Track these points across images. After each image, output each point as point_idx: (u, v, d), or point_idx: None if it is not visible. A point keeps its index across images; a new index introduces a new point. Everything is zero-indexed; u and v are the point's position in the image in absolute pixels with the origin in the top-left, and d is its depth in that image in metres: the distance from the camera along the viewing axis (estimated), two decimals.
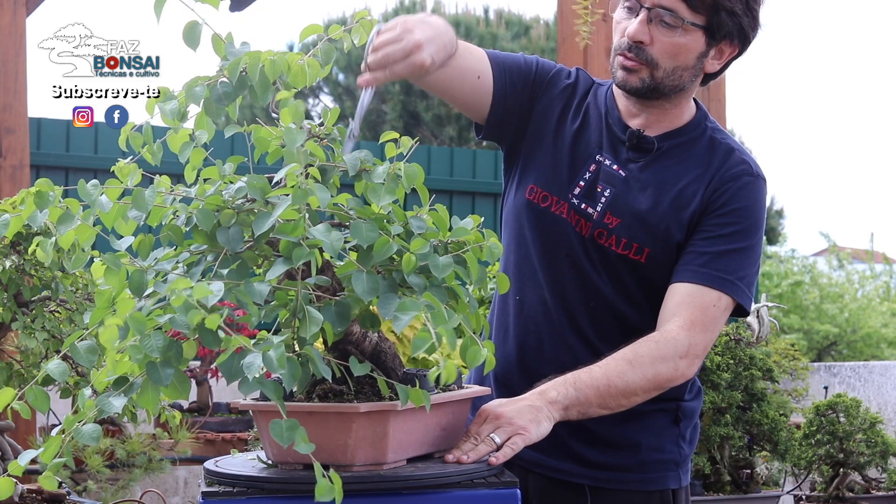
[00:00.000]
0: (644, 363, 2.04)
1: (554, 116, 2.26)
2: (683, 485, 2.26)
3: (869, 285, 14.29)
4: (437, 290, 1.68)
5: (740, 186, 2.17)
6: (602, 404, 2.02)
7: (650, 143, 2.21)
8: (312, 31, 1.78)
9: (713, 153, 2.21)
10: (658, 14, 2.10)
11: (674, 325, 2.08)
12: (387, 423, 1.72)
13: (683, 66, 2.15)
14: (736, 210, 2.15)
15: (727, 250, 2.13)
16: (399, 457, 1.76)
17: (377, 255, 1.65)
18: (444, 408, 1.83)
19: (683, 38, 2.12)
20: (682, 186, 2.17)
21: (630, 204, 2.17)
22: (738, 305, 2.15)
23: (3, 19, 4.63)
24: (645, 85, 2.16)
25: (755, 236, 2.18)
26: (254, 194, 1.67)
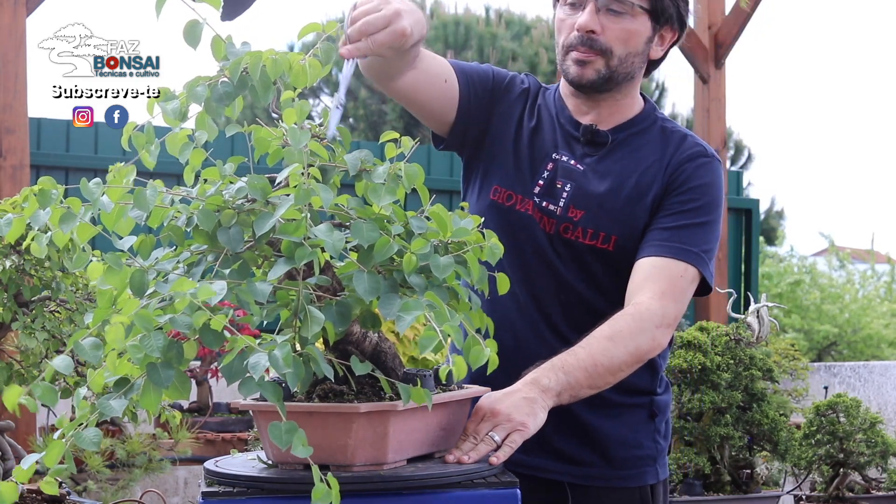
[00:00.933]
0: (624, 338, 2.06)
1: (513, 119, 2.32)
2: (661, 478, 2.29)
3: (869, 285, 14.29)
4: (438, 289, 1.68)
5: (697, 166, 2.24)
6: (591, 384, 2.04)
7: (604, 137, 2.27)
8: (311, 30, 1.79)
9: (667, 140, 2.28)
10: (605, 3, 2.18)
11: (645, 297, 2.11)
12: (387, 423, 1.72)
13: (634, 51, 2.22)
14: (694, 188, 2.22)
15: (689, 224, 2.19)
16: (400, 457, 1.76)
17: (378, 256, 1.65)
18: (445, 408, 1.83)
19: (632, 23, 2.20)
20: (640, 172, 2.23)
21: (592, 194, 2.22)
22: (703, 281, 2.19)
23: (3, 19, 4.63)
24: (600, 76, 2.22)
25: (715, 212, 2.23)
26: (254, 194, 1.67)
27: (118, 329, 1.53)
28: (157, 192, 1.66)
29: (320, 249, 1.62)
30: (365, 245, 1.65)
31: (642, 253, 2.17)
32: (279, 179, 1.70)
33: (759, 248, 9.74)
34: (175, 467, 4.17)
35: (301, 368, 1.54)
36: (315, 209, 1.67)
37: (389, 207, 1.74)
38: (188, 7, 1.66)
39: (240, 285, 1.60)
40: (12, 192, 4.39)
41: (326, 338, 1.80)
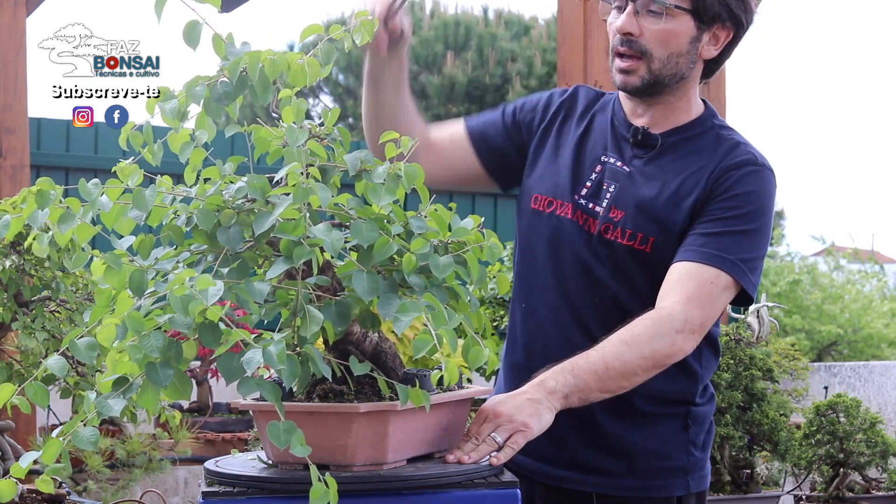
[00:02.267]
0: (641, 342, 2.01)
1: (552, 131, 2.31)
2: (693, 491, 2.22)
3: (869, 285, 14.29)
4: (437, 290, 1.68)
5: (744, 174, 2.16)
6: (602, 388, 2.00)
7: (654, 139, 2.23)
8: (313, 31, 1.78)
9: (718, 146, 2.21)
10: (644, 4, 2.14)
11: (669, 301, 2.06)
12: (387, 423, 1.71)
13: (677, 52, 2.17)
14: (739, 195, 2.14)
15: (728, 231, 2.12)
16: (399, 457, 1.76)
17: (377, 255, 1.65)
18: (445, 408, 1.83)
19: (671, 23, 2.15)
20: (684, 177, 2.18)
21: (633, 196, 2.18)
22: (742, 290, 2.12)
23: (3, 19, 4.63)
24: (644, 82, 2.18)
25: (759, 221, 2.15)
26: (254, 194, 1.67)
27: (110, 329, 1.53)
28: (155, 191, 1.66)
29: (319, 249, 1.62)
30: (364, 245, 1.65)
31: (677, 257, 2.12)
32: (277, 178, 1.70)
33: None
34: (175, 467, 4.17)
35: (297, 366, 1.54)
36: (314, 209, 1.67)
37: (389, 207, 1.74)
38: (188, 7, 1.67)
39: (239, 284, 1.60)
40: (12, 192, 4.38)
41: (326, 337, 1.80)
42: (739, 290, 2.12)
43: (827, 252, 14.94)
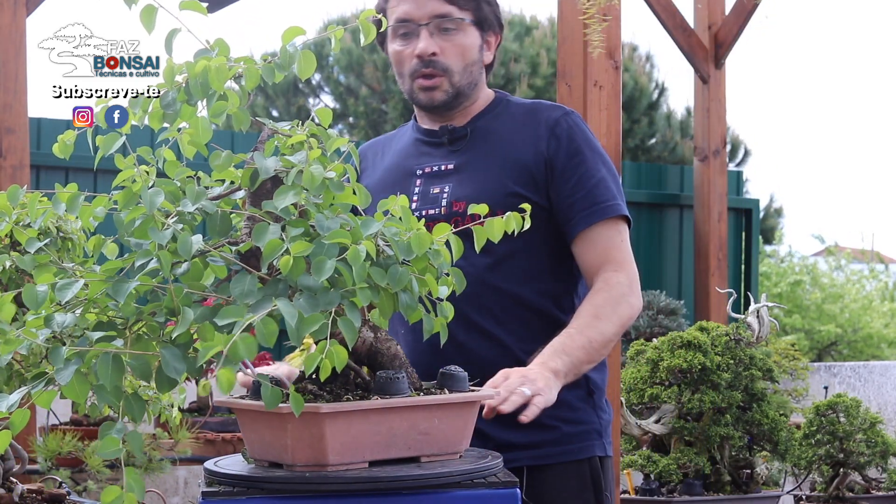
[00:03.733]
0: (608, 313, 2.27)
1: (370, 180, 2.50)
2: (609, 454, 2.43)
3: (869, 285, 14.28)
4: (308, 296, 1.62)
5: (567, 126, 2.39)
6: (590, 360, 2.23)
7: (462, 130, 2.44)
8: (295, 34, 1.78)
9: (524, 114, 2.43)
10: (437, 24, 2.37)
11: (608, 273, 2.31)
12: (321, 425, 1.70)
13: (471, 61, 2.41)
14: (577, 148, 2.37)
15: (595, 184, 2.35)
16: (349, 459, 1.74)
17: (266, 257, 1.63)
18: (416, 412, 1.79)
19: (464, 37, 2.40)
20: (504, 150, 2.39)
21: (468, 184, 2.36)
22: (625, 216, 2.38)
23: (3, 19, 4.63)
24: (449, 95, 2.41)
25: (605, 161, 2.41)
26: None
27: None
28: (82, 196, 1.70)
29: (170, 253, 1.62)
30: (262, 247, 1.63)
31: (575, 229, 2.34)
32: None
33: (759, 248, 9.74)
34: (175, 467, 4.17)
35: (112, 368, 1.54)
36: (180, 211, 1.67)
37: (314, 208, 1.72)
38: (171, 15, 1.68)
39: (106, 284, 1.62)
40: None
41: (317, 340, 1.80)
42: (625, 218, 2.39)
43: (828, 252, 14.94)
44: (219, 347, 1.51)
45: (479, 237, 1.88)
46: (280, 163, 1.71)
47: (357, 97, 17.15)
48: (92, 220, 1.74)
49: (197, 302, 1.65)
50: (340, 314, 1.63)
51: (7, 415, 1.56)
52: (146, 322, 1.67)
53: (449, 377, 1.88)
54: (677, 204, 8.70)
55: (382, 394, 1.78)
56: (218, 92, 1.67)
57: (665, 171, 9.45)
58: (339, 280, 1.65)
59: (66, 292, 1.60)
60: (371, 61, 16.84)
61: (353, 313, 1.63)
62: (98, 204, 1.74)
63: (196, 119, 1.70)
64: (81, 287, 1.61)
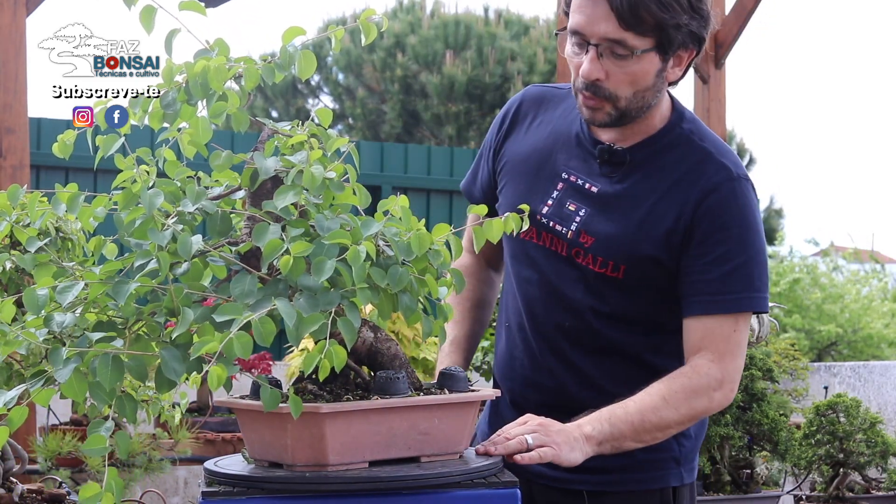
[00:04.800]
0: (678, 399, 2.05)
1: (505, 147, 2.28)
2: (686, 482, 2.24)
3: (869, 285, 14.27)
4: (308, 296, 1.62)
5: (725, 195, 2.10)
6: (636, 438, 2.04)
7: (622, 156, 2.15)
8: (295, 34, 1.78)
9: (688, 160, 2.14)
10: (607, 47, 2.03)
11: (703, 360, 2.07)
12: (322, 425, 1.70)
13: (644, 88, 2.08)
14: (726, 223, 2.09)
15: (731, 269, 2.08)
16: (349, 459, 1.74)
17: (266, 257, 1.63)
18: (416, 412, 1.79)
19: (637, 65, 2.05)
20: (653, 201, 2.12)
21: (603, 223, 2.13)
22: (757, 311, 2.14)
23: (3, 19, 4.63)
24: (612, 118, 2.10)
25: (754, 243, 2.11)
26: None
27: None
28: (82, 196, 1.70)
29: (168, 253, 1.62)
30: (262, 247, 1.63)
31: (690, 309, 2.10)
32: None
33: None
34: (175, 467, 4.17)
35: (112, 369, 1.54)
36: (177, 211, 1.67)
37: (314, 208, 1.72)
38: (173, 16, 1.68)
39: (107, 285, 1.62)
40: None
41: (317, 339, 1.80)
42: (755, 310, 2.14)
43: (824, 252, 14.95)
44: (214, 344, 1.51)
45: (478, 238, 1.85)
46: (280, 163, 1.71)
47: (356, 98, 17.15)
48: (92, 221, 1.74)
49: (197, 302, 1.65)
50: (340, 314, 1.63)
51: (6, 411, 1.55)
52: (146, 322, 1.67)
53: (449, 377, 1.87)
54: None
55: (382, 394, 1.78)
56: (217, 92, 1.67)
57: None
58: (339, 280, 1.65)
59: (66, 295, 1.60)
60: (370, 62, 16.83)
61: (353, 314, 1.63)
62: (98, 204, 1.74)
63: (196, 119, 1.70)
64: (82, 288, 1.61)
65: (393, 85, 16.68)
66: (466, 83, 16.34)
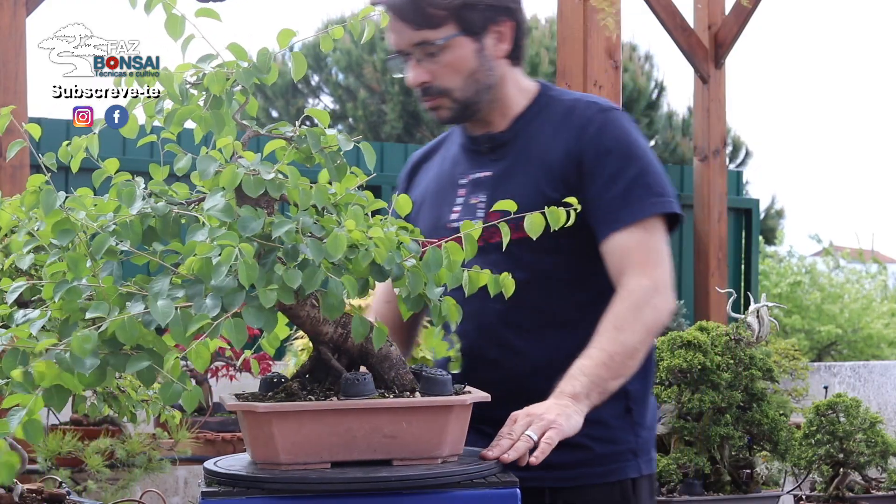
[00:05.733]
0: (628, 321, 2.11)
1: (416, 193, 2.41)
2: (645, 473, 2.27)
3: (869, 285, 14.26)
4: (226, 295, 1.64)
5: (599, 124, 2.23)
6: (614, 375, 2.08)
7: (500, 137, 2.31)
8: (289, 37, 1.79)
9: (560, 113, 2.28)
10: (419, 51, 2.21)
11: (629, 277, 2.15)
12: (268, 425, 1.72)
13: (470, 72, 2.24)
14: (608, 146, 2.21)
15: (627, 184, 2.19)
16: (304, 459, 1.74)
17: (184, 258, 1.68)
18: (378, 415, 1.77)
19: (450, 54, 2.22)
20: (541, 155, 2.25)
21: (506, 193, 2.19)
22: (666, 214, 2.21)
23: (3, 19, 4.63)
24: (455, 111, 2.26)
25: (642, 156, 2.23)
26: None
27: None
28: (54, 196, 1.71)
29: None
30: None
31: (602, 232, 2.19)
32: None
33: (759, 247, 9.73)
34: (175, 467, 4.16)
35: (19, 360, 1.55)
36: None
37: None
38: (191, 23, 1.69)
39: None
40: (12, 193, 4.38)
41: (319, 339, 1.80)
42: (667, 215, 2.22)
43: (826, 252, 14.94)
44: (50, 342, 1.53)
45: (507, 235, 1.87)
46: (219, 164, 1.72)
47: (356, 99, 17.14)
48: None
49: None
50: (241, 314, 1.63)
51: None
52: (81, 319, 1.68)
53: (425, 380, 1.84)
54: None
55: (345, 395, 1.77)
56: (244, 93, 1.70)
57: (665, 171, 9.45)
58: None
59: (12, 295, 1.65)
60: (370, 62, 16.83)
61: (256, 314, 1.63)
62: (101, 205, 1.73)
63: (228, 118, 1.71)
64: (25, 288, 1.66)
65: (393, 86, 16.68)
66: None
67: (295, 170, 1.74)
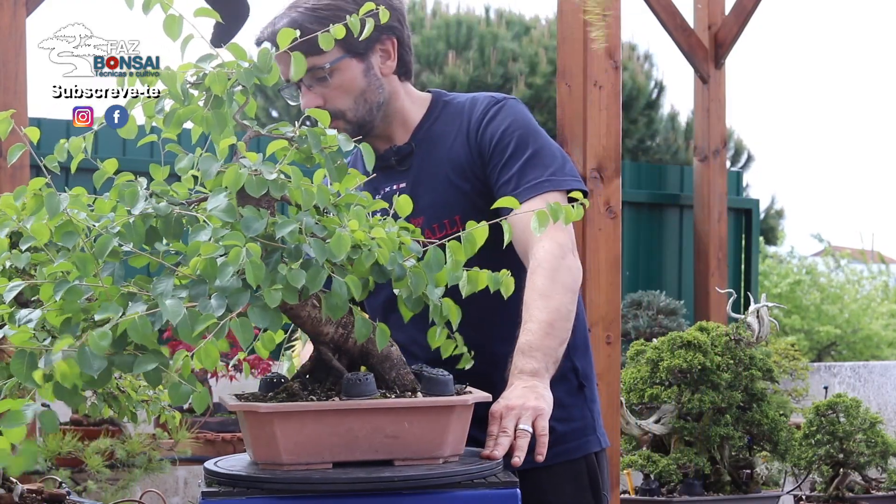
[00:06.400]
0: (550, 286, 2.15)
1: None
2: (604, 446, 2.37)
3: (868, 285, 14.27)
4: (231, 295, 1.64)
5: (494, 114, 2.31)
6: (560, 341, 2.13)
7: (406, 147, 2.38)
8: (290, 37, 1.79)
9: (457, 112, 2.37)
10: (309, 77, 2.26)
11: (535, 248, 2.19)
12: (271, 424, 1.71)
13: (360, 91, 2.31)
14: (504, 130, 2.29)
15: (523, 163, 2.26)
16: (306, 459, 1.74)
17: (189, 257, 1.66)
18: (379, 415, 1.77)
19: (341, 76, 2.28)
20: (445, 155, 2.33)
21: (420, 197, 2.26)
22: (569, 192, 2.26)
23: (3, 19, 4.63)
24: (351, 132, 2.27)
25: (537, 138, 2.30)
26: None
27: None
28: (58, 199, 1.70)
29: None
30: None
31: (503, 213, 2.18)
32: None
33: (759, 248, 9.73)
34: (175, 467, 4.17)
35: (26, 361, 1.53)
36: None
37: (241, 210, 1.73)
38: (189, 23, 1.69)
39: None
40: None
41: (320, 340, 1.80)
42: (568, 193, 2.27)
43: (826, 252, 14.94)
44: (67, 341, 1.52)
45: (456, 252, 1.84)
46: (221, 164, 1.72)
47: None
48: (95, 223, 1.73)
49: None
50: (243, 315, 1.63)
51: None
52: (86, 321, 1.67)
53: (427, 380, 1.85)
54: (677, 204, 8.70)
55: (347, 395, 1.77)
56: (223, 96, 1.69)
57: (665, 171, 9.44)
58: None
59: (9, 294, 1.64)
60: None
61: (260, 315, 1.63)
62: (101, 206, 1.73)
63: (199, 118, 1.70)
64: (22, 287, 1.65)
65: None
66: (468, 83, 16.34)
67: (297, 170, 1.74)
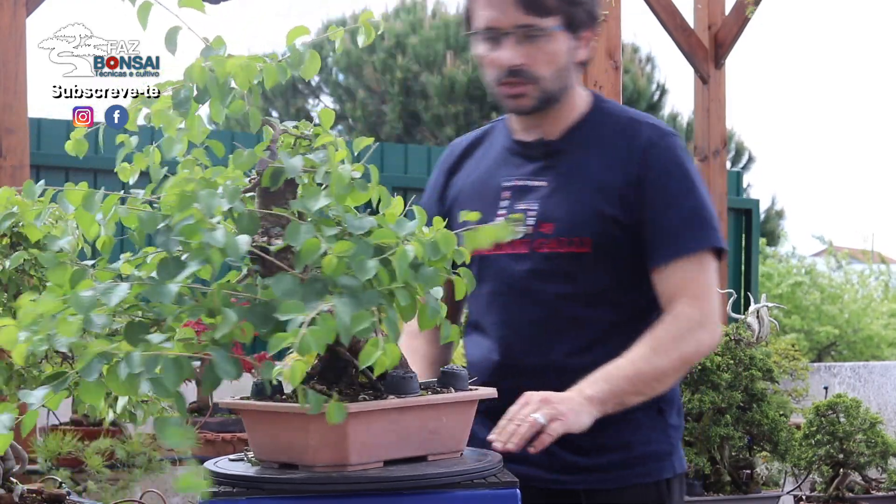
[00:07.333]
0: (667, 346, 2.14)
1: (458, 185, 2.40)
2: (678, 472, 2.30)
3: (868, 285, 14.27)
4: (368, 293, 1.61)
5: (661, 149, 2.25)
6: (636, 391, 2.12)
7: (555, 146, 2.30)
8: (300, 34, 1.78)
9: (617, 130, 2.29)
10: (522, 33, 2.19)
11: (681, 305, 2.17)
12: (345, 425, 1.68)
13: (561, 67, 2.24)
14: (670, 171, 2.23)
15: (687, 213, 2.22)
16: (368, 459, 1.74)
17: (304, 257, 1.61)
18: (426, 411, 1.80)
19: (553, 43, 2.22)
20: (598, 171, 2.25)
21: (559, 205, 2.23)
22: (716, 248, 2.24)
23: (3, 19, 4.63)
24: (537, 101, 2.24)
25: (699, 187, 2.26)
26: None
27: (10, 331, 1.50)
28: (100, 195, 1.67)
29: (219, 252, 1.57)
30: (298, 247, 1.61)
31: (656, 259, 2.21)
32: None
33: (759, 248, 9.73)
34: (175, 467, 4.17)
35: (180, 370, 1.49)
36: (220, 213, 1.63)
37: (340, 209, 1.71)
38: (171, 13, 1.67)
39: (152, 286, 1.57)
40: None
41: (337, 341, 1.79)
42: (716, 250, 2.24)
43: (828, 252, 14.94)
44: (290, 339, 1.48)
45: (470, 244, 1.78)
46: (304, 162, 1.71)
47: (356, 100, 17.14)
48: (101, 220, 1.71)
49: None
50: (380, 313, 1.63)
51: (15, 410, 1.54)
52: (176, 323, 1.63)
53: (452, 376, 1.88)
54: None
55: (396, 393, 1.78)
56: (243, 90, 1.67)
57: None
58: (374, 280, 1.63)
59: (111, 296, 1.52)
60: (370, 63, 16.83)
61: (393, 312, 1.63)
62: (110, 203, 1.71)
63: (193, 119, 1.69)
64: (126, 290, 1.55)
65: (393, 86, 16.68)
66: (467, 84, 16.35)
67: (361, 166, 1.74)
